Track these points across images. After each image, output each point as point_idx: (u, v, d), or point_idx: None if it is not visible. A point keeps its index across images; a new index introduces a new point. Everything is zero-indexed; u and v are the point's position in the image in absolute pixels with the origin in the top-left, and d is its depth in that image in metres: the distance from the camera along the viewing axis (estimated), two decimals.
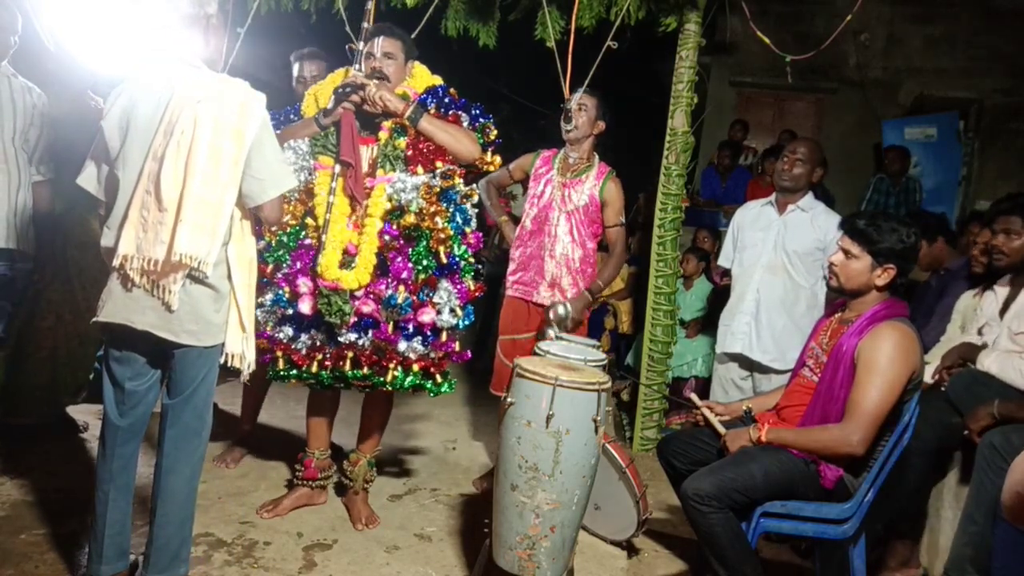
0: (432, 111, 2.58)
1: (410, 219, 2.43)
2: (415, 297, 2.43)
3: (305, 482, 2.78)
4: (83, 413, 3.51)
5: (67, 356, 3.25)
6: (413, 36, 2.82)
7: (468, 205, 2.57)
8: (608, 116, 3.17)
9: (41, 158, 2.96)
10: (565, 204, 3.12)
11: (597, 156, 3.21)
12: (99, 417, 3.53)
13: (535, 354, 2.55)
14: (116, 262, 1.91)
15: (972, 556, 2.25)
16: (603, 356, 2.64)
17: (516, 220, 3.40)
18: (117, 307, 1.94)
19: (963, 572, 2.26)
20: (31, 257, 2.91)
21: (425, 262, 2.44)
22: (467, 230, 2.56)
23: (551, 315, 2.94)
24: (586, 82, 3.27)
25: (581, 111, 3.11)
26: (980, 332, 2.81)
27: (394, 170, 2.47)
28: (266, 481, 3.04)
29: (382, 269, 2.44)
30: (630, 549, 2.79)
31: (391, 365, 2.45)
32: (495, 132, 2.70)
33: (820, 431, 2.22)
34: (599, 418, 2.07)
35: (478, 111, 2.68)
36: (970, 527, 2.29)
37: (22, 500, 2.60)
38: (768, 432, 2.27)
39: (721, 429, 2.44)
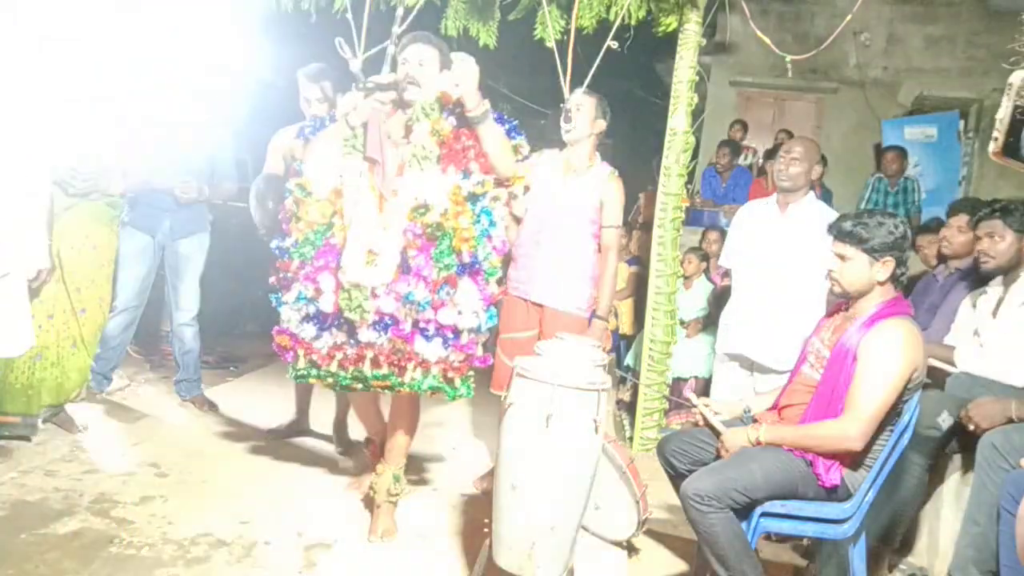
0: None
1: (433, 217, 2.41)
2: (434, 295, 2.41)
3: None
4: (84, 414, 3.51)
5: (56, 358, 3.18)
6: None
7: (494, 207, 2.53)
8: (607, 115, 3.17)
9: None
10: (565, 204, 3.11)
11: (598, 156, 3.21)
12: (100, 417, 3.56)
13: (535, 354, 2.55)
14: None
15: (975, 557, 2.25)
16: (603, 356, 2.64)
17: (518, 220, 3.39)
18: None
19: (966, 573, 2.26)
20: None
21: (447, 260, 2.42)
22: (492, 232, 2.51)
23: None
24: (585, 82, 3.27)
25: (579, 111, 3.11)
26: (976, 333, 2.83)
27: (422, 169, 2.45)
28: (266, 481, 3.04)
29: (405, 268, 2.42)
30: (630, 549, 2.79)
31: (409, 365, 2.41)
32: (527, 149, 2.68)
33: (818, 427, 2.22)
34: (599, 418, 2.07)
35: (512, 127, 2.65)
36: (972, 528, 2.29)
37: (22, 500, 2.60)
38: (766, 432, 2.27)
39: (721, 428, 2.43)
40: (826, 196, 5.85)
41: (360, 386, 2.53)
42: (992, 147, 2.47)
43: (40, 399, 3.18)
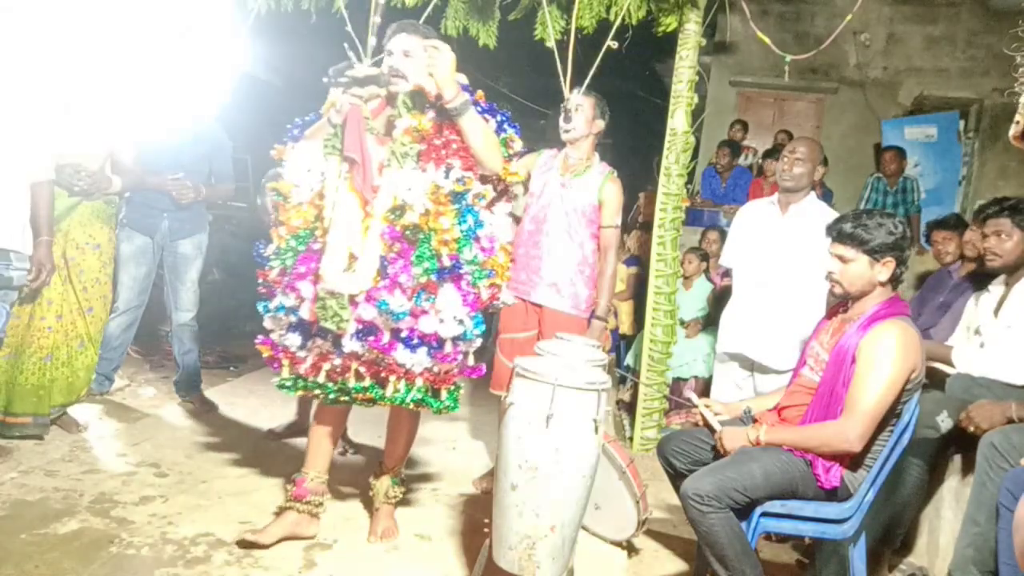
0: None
1: (411, 218, 2.27)
2: (412, 303, 2.27)
3: (293, 503, 2.51)
4: (84, 414, 3.51)
5: (67, 357, 3.24)
6: None
7: (480, 206, 2.39)
8: (606, 115, 3.17)
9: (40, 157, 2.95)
10: (564, 204, 3.11)
11: (597, 156, 3.21)
12: (100, 417, 3.56)
13: (535, 354, 2.54)
14: None
15: (975, 557, 2.25)
16: (603, 356, 2.64)
17: (517, 220, 3.39)
18: None
19: (967, 573, 2.26)
20: (27, 257, 2.90)
21: (426, 264, 2.25)
22: (480, 233, 2.37)
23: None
24: (585, 82, 3.27)
25: (578, 111, 3.10)
26: (977, 332, 2.83)
27: (401, 168, 2.30)
28: (266, 482, 3.03)
29: (383, 274, 2.28)
30: (630, 549, 2.79)
31: (391, 377, 2.30)
32: (519, 143, 2.54)
33: (818, 428, 2.22)
34: (599, 418, 2.07)
35: (504, 118, 2.52)
36: (972, 528, 2.29)
37: (22, 500, 2.60)
38: (766, 432, 2.27)
39: (717, 426, 2.43)
40: (827, 196, 5.86)
41: (346, 398, 2.43)
42: (1013, 130, 2.43)
43: (51, 399, 3.22)
